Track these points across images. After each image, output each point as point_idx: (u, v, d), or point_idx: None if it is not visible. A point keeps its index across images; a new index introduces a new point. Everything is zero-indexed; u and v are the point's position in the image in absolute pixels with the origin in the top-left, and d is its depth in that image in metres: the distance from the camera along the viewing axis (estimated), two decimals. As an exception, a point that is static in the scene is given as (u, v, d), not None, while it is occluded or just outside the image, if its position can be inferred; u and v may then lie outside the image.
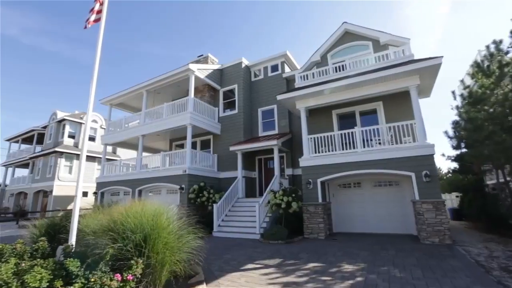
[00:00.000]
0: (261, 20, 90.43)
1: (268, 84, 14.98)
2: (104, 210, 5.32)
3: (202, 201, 11.52)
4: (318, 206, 9.69)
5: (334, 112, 11.63)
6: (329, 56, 12.92)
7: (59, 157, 20.96)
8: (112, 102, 17.39)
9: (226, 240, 9.57)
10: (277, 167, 11.88)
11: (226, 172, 14.03)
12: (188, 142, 12.77)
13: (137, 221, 4.18)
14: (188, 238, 4.88)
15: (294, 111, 12.19)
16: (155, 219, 4.40)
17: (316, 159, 10.15)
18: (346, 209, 10.76)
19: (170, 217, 4.93)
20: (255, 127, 14.87)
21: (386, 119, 10.42)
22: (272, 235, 8.87)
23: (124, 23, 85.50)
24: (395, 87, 9.34)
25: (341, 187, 11.09)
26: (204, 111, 14.22)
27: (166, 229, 4.48)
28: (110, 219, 4.30)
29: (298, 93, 10.52)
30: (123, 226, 4.05)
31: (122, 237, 3.97)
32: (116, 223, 4.10)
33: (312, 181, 9.99)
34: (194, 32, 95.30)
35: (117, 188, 15.30)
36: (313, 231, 9.57)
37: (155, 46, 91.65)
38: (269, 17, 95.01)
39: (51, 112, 23.31)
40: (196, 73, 13.77)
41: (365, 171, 9.23)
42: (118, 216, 4.23)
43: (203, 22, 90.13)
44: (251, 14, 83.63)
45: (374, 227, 10.13)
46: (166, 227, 4.52)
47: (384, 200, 10.17)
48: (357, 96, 10.05)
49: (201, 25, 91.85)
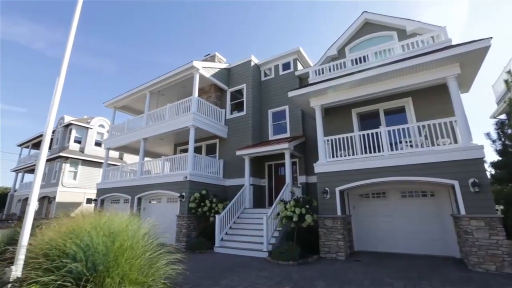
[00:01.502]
0: (277, 28, 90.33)
1: (279, 83, 13.76)
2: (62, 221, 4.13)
3: (203, 211, 10.26)
4: (337, 219, 8.20)
5: (354, 111, 10.20)
6: (347, 50, 11.58)
7: (63, 162, 20.42)
8: (116, 105, 16.65)
9: (228, 257, 8.21)
10: (289, 174, 10.49)
11: (233, 179, 12.76)
12: (191, 146, 11.64)
13: (84, 242, 2.95)
14: (164, 262, 3.62)
15: (308, 110, 10.85)
16: (112, 239, 3.16)
17: (334, 165, 8.71)
18: (369, 224, 9.19)
19: (140, 233, 3.68)
20: (265, 130, 13.60)
21: (417, 119, 8.89)
22: (282, 253, 7.44)
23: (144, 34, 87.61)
24: (429, 79, 7.85)
25: (363, 198, 9.55)
26: (210, 113, 13.12)
27: (128, 252, 3.22)
28: (51, 239, 3.10)
29: (312, 88, 9.20)
30: (60, 251, 2.83)
31: (57, 266, 2.75)
32: (52, 246, 2.89)
33: (329, 190, 8.54)
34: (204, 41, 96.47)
35: (117, 195, 14.32)
36: (331, 250, 8.06)
37: (170, 56, 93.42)
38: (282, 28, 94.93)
39: (59, 117, 23.05)
40: (201, 71, 12.76)
41: (393, 178, 7.70)
42: (57, 235, 3.02)
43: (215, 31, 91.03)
44: (269, 13, 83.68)
45: (404, 246, 8.50)
46: (130, 249, 3.27)
47: (415, 214, 8.54)
48: (382, 91, 8.60)
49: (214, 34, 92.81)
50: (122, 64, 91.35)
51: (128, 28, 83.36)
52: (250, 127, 13.00)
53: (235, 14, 73.93)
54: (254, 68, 14.28)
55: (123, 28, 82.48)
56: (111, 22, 76.59)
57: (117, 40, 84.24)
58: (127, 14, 73.38)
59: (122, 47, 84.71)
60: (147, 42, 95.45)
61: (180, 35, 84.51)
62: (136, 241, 3.48)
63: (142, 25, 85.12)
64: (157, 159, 13.14)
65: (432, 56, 7.30)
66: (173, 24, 79.24)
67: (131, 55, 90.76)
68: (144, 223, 4.15)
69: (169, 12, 78.20)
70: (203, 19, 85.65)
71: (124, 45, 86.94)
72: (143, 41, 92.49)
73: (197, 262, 7.60)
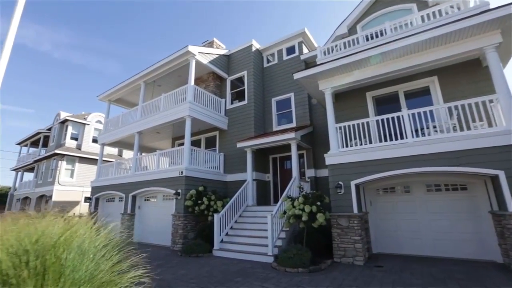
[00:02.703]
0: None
1: (284, 69, 12.57)
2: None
3: (201, 209, 9.21)
4: (353, 218, 7.06)
5: (369, 95, 8.98)
6: (359, 28, 10.32)
7: (59, 160, 19.61)
8: (110, 98, 15.69)
9: (227, 262, 7.15)
10: (296, 167, 9.36)
11: (234, 174, 11.68)
12: (187, 138, 10.58)
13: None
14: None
15: (316, 95, 9.67)
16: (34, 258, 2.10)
17: (348, 155, 7.55)
18: (389, 222, 8.03)
19: (93, 247, 2.63)
20: (268, 121, 12.46)
21: (445, 101, 7.64)
22: (290, 259, 6.34)
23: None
24: (461, 51, 6.58)
25: (381, 192, 8.38)
26: (208, 102, 12.03)
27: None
28: None
29: (322, 68, 8.01)
30: None
31: None
32: None
33: (343, 184, 7.39)
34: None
35: (112, 194, 13.40)
36: (347, 253, 6.94)
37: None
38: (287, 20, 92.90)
39: (55, 113, 22.25)
40: (198, 57, 11.65)
41: (420, 169, 6.52)
42: None
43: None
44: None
45: (431, 248, 7.33)
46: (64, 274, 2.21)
47: (444, 210, 7.35)
48: (403, 69, 7.36)
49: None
50: (125, 63, 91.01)
51: (130, 28, 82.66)
52: (252, 117, 11.87)
53: (237, 11, 72.44)
54: (255, 54, 13.11)
55: (126, 27, 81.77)
56: (114, 22, 75.95)
57: (120, 39, 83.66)
58: (129, 14, 72.64)
59: (125, 47, 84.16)
60: (150, 41, 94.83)
61: (179, 32, 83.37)
62: (81, 259, 2.41)
63: (144, 25, 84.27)
64: (151, 153, 12.12)
65: (468, 21, 6.03)
66: (172, 21, 78.08)
67: (134, 54, 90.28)
68: (103, 228, 3.07)
69: (170, 9, 77.08)
70: (204, 17, 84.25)
71: (127, 44, 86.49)
72: (146, 40, 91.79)
73: (191, 269, 6.56)
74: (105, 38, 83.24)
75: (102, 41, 79.95)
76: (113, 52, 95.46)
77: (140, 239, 11.47)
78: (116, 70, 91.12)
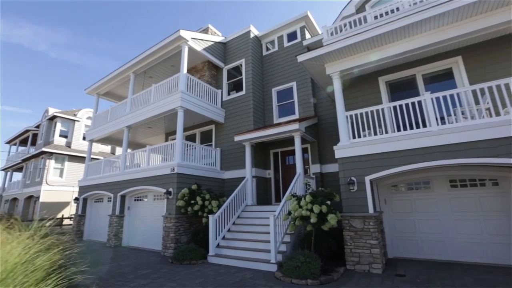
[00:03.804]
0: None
1: (285, 56, 11.58)
2: None
3: (194, 210, 8.23)
4: (369, 219, 6.12)
5: (381, 80, 8.02)
6: (368, 8, 9.36)
7: (47, 158, 18.55)
8: (99, 91, 14.66)
9: (224, 272, 6.19)
10: (300, 161, 8.40)
11: (232, 171, 10.72)
12: (179, 131, 9.59)
13: None
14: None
15: (322, 82, 8.69)
16: None
17: (361, 147, 6.59)
18: (407, 223, 7.10)
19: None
20: (269, 113, 11.48)
21: (471, 84, 6.69)
22: (297, 268, 5.39)
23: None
24: (493, 23, 5.63)
25: (397, 189, 7.44)
26: (203, 93, 11.03)
27: None
28: None
29: (329, 48, 7.02)
30: None
31: None
32: None
33: (357, 180, 6.44)
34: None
35: (100, 194, 12.41)
36: (362, 260, 6.00)
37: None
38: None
39: (44, 110, 21.16)
40: (191, 43, 10.63)
41: (448, 161, 5.58)
42: None
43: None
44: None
45: (457, 252, 6.41)
46: None
47: (472, 209, 6.42)
48: (423, 47, 6.37)
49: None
50: (123, 62, 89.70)
51: (127, 27, 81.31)
52: (251, 108, 10.89)
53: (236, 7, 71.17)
54: (254, 41, 12.11)
55: (124, 26, 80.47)
56: (111, 21, 74.65)
57: (119, 39, 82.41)
58: (126, 13, 71.36)
59: (124, 46, 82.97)
60: (149, 41, 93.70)
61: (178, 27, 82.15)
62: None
63: (142, 23, 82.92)
64: (140, 149, 11.13)
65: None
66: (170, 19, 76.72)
67: (134, 53, 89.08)
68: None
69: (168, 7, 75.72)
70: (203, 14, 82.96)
71: (126, 44, 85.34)
72: (144, 39, 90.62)
73: (181, 281, 5.60)
74: (103, 38, 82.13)
75: (100, 41, 78.92)
76: (112, 51, 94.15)
77: (129, 243, 10.51)
78: (112, 69, 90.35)
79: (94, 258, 8.14)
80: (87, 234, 12.76)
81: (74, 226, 12.93)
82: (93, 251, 9.54)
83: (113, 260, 7.88)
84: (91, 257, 8.33)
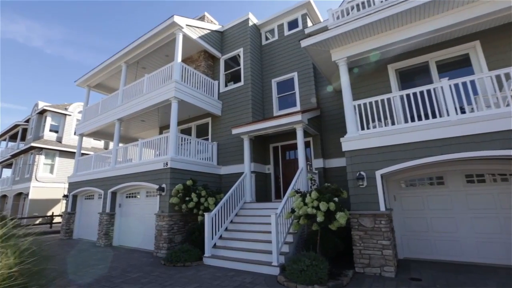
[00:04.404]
0: None
1: (285, 46, 10.97)
2: None
3: (189, 207, 7.65)
4: (380, 217, 5.59)
5: (391, 68, 7.46)
6: (376, -8, 8.74)
7: (37, 153, 17.80)
8: (90, 83, 13.96)
9: (221, 275, 5.63)
10: (302, 155, 7.84)
11: (229, 166, 10.13)
12: (173, 124, 8.97)
13: None
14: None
15: (326, 71, 8.11)
16: None
17: (370, 139, 6.04)
18: (419, 221, 6.59)
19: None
20: (268, 105, 10.89)
21: (490, 70, 6.15)
22: (302, 272, 4.84)
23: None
24: (521, 1, 5.08)
25: (408, 185, 6.92)
26: (199, 84, 10.41)
27: None
28: None
29: (337, 31, 6.42)
30: None
31: None
32: None
33: (366, 175, 5.89)
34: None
35: (90, 190, 11.77)
36: (373, 262, 5.47)
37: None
38: None
39: (33, 103, 20.38)
40: (186, 30, 9.98)
41: (468, 154, 5.05)
42: None
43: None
44: None
45: (474, 252, 5.92)
46: None
47: (491, 206, 5.91)
48: (440, 29, 5.81)
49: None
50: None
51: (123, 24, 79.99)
52: (249, 100, 10.28)
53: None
54: (252, 29, 11.47)
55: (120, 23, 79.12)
56: (107, 18, 73.32)
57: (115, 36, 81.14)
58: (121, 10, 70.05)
59: (122, 43, 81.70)
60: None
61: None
62: None
63: (138, 20, 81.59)
64: (132, 143, 10.50)
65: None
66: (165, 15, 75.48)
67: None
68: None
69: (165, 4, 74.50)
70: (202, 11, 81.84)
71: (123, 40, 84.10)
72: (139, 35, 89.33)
73: (172, 286, 5.02)
74: (99, 34, 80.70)
75: (96, 37, 77.54)
76: (108, 48, 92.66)
77: (120, 243, 9.91)
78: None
79: (80, 260, 7.56)
80: (77, 233, 12.13)
81: (63, 224, 12.29)
82: (81, 251, 8.95)
83: (101, 261, 7.29)
84: (77, 259, 7.76)
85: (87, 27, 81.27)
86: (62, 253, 8.66)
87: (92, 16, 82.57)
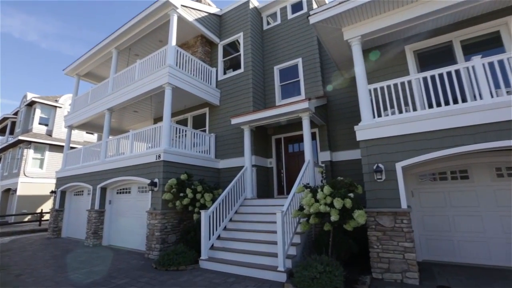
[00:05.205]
0: None
1: (288, 30, 10.16)
2: None
3: (184, 204, 6.91)
4: (401, 216, 4.88)
5: (409, 49, 6.70)
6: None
7: (25, 147, 16.93)
8: (79, 72, 13.08)
9: (220, 282, 4.92)
10: (309, 147, 7.09)
11: (229, 159, 9.39)
12: (166, 113, 8.19)
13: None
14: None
15: (335, 53, 7.33)
16: None
17: (389, 126, 5.31)
18: (440, 220, 5.91)
19: None
20: (270, 94, 10.11)
21: (524, 49, 5.43)
22: (315, 280, 4.13)
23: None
24: None
25: (427, 180, 6.22)
26: (195, 71, 9.60)
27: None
28: None
29: (350, 5, 5.65)
30: None
31: None
32: None
33: (384, 167, 5.17)
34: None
35: (79, 186, 10.99)
36: (393, 267, 4.78)
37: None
38: None
39: (22, 95, 19.43)
40: (181, 11, 9.14)
41: (509, 142, 4.34)
42: None
43: None
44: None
45: (504, 256, 5.26)
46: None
47: (524, 203, 5.24)
48: (463, 2, 5.07)
49: None
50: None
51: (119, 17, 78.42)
52: (250, 88, 9.51)
53: None
54: (253, 13, 10.64)
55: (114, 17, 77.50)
56: (102, 12, 71.75)
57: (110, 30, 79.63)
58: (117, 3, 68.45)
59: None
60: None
61: (172, 15, 79.58)
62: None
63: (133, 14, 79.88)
64: (123, 135, 9.71)
65: None
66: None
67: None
68: None
69: None
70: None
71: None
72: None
73: (163, 298, 4.31)
74: (94, 29, 79.18)
75: (92, 31, 76.00)
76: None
77: (110, 243, 9.19)
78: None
79: (63, 262, 6.81)
80: (65, 231, 11.37)
81: (51, 222, 11.52)
82: (66, 252, 8.21)
83: (85, 264, 6.56)
84: (59, 261, 7.01)
85: (83, 21, 79.76)
86: (45, 254, 7.90)
87: (88, 10, 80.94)
